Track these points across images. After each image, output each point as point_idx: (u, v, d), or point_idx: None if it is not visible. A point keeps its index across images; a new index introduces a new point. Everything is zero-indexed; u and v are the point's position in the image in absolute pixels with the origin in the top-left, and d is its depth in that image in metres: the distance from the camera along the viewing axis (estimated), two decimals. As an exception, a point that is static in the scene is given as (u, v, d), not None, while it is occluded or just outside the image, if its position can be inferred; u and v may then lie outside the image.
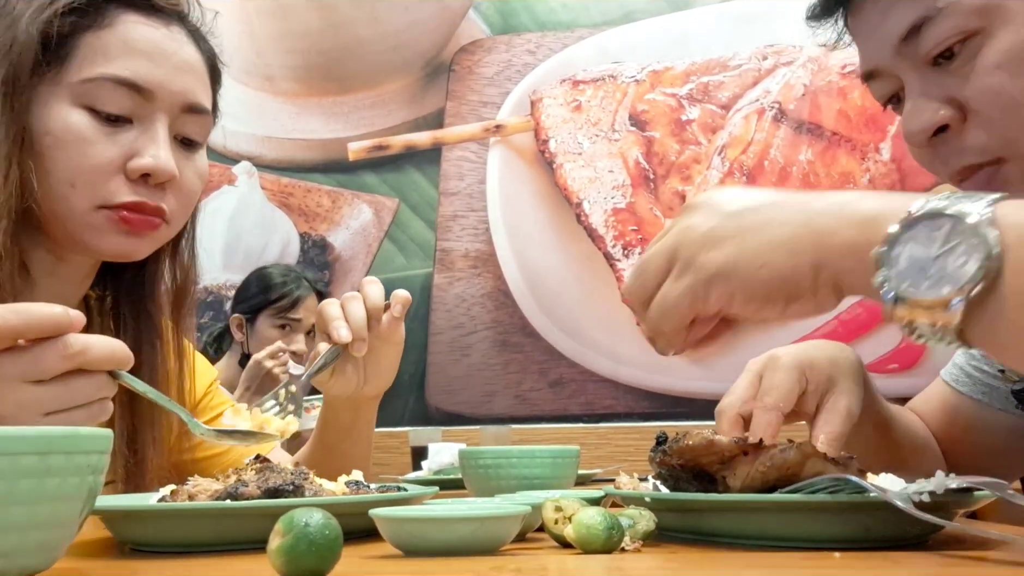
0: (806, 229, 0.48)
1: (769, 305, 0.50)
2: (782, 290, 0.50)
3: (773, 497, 0.52)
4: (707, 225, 0.52)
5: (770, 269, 0.49)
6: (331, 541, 0.41)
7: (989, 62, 0.65)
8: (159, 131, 0.80)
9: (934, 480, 0.50)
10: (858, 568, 0.45)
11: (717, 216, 0.52)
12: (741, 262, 0.50)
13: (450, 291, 2.45)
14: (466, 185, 2.50)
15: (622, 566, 0.47)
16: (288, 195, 2.59)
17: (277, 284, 2.18)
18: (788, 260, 0.49)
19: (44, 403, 0.59)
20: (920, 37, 0.67)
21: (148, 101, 0.79)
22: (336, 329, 0.85)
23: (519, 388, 2.39)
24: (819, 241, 0.48)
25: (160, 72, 0.80)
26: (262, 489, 0.58)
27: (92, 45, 0.78)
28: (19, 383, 0.58)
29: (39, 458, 0.39)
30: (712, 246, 0.51)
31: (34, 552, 0.41)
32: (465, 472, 0.90)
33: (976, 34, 0.65)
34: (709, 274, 0.51)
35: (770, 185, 2.31)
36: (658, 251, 0.54)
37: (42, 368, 0.58)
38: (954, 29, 0.66)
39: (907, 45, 0.68)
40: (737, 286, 0.50)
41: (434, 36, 2.57)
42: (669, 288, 0.53)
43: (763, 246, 0.49)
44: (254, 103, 2.62)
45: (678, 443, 0.57)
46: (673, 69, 2.42)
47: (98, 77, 0.77)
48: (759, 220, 0.51)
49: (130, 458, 0.84)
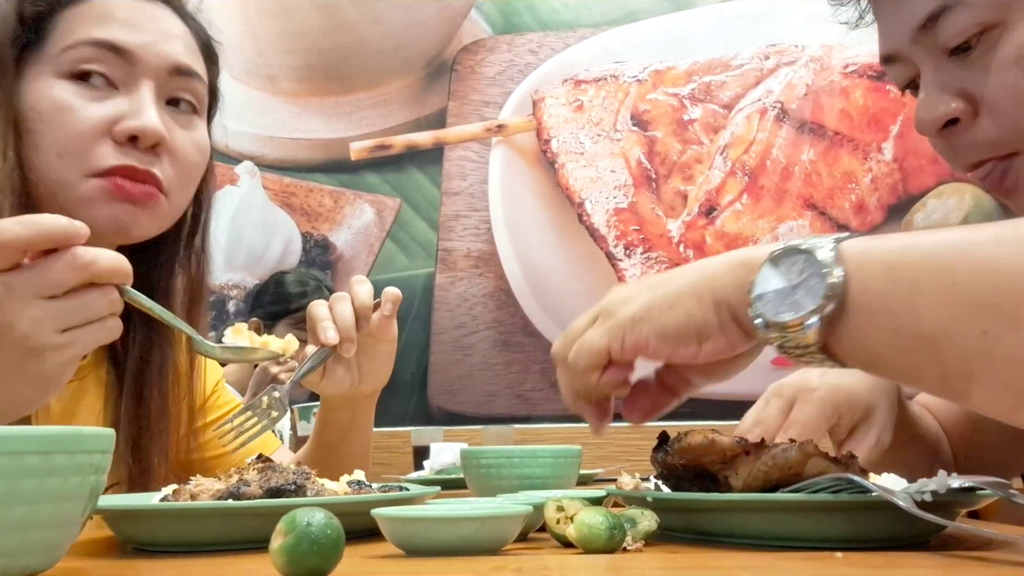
0: (703, 275, 0.55)
1: (683, 344, 0.54)
2: (691, 329, 0.54)
3: (775, 497, 0.52)
4: (624, 291, 0.58)
5: (677, 310, 0.54)
6: (333, 541, 0.41)
7: (1007, 56, 0.65)
8: (144, 93, 0.78)
9: (936, 480, 0.50)
10: (860, 568, 0.45)
11: (633, 286, 0.59)
12: (653, 307, 0.55)
13: (452, 291, 2.45)
14: (468, 185, 2.50)
15: (624, 566, 0.47)
16: (290, 195, 2.60)
17: (296, 294, 2.17)
18: (692, 301, 0.54)
19: (60, 318, 0.58)
20: (938, 26, 0.67)
21: (130, 64, 0.78)
22: (323, 331, 0.84)
23: (521, 388, 2.39)
24: (714, 284, 0.54)
25: (140, 36, 0.79)
26: (264, 489, 0.58)
27: (69, 19, 0.78)
28: (33, 299, 0.57)
29: (41, 457, 0.39)
30: (628, 302, 0.57)
31: (36, 551, 0.41)
32: (467, 472, 0.90)
33: (995, 27, 0.65)
34: (625, 319, 0.56)
35: (772, 185, 2.32)
36: (583, 316, 0.60)
37: (55, 281, 0.57)
38: (972, 20, 0.66)
39: (925, 33, 0.68)
40: (650, 328, 0.55)
41: (436, 36, 2.57)
42: (589, 332, 0.58)
43: (670, 293, 0.55)
44: (256, 103, 2.62)
45: (680, 443, 0.57)
46: (675, 69, 2.42)
47: (76, 43, 0.77)
48: (666, 278, 0.57)
49: (134, 465, 0.83)
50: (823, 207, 2.29)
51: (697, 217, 2.34)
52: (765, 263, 0.51)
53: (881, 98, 2.30)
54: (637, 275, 2.35)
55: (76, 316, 0.59)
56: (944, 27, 0.67)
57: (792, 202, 2.31)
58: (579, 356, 0.57)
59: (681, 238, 2.35)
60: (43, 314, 0.57)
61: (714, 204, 2.34)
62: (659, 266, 2.34)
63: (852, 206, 2.28)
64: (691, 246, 2.33)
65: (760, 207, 2.32)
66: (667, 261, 2.34)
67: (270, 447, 1.00)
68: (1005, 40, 0.65)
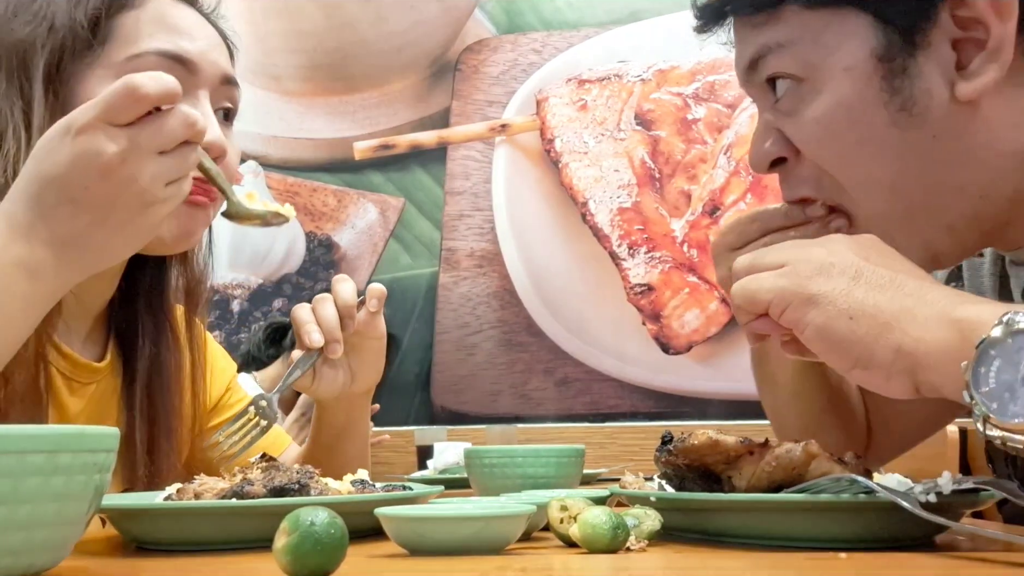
0: (905, 311, 0.50)
1: (835, 357, 0.52)
2: (854, 352, 0.51)
3: (778, 497, 0.52)
4: (833, 256, 0.54)
5: (855, 325, 0.51)
6: (337, 540, 0.41)
7: (811, 115, 0.66)
8: (204, 104, 0.79)
9: (941, 480, 0.50)
10: (864, 568, 0.45)
11: (844, 258, 0.54)
12: (837, 302, 0.52)
13: (455, 290, 2.45)
14: (472, 184, 2.50)
15: (627, 566, 0.47)
16: (294, 194, 2.60)
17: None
18: (876, 328, 0.50)
19: (168, 173, 0.62)
20: (757, 70, 0.69)
21: (192, 74, 0.79)
22: (307, 334, 0.84)
23: (524, 387, 2.39)
24: (913, 332, 0.50)
25: (198, 45, 0.80)
26: (268, 488, 0.58)
27: (130, 25, 0.78)
28: (151, 155, 0.61)
29: (46, 456, 0.39)
30: (822, 274, 0.53)
31: (41, 550, 0.41)
32: (470, 471, 0.90)
33: (804, 82, 0.66)
34: (803, 292, 0.53)
35: (775, 185, 2.31)
36: (781, 248, 0.57)
37: (171, 136, 0.61)
38: (782, 70, 0.67)
39: (753, 73, 0.70)
40: (817, 320, 0.52)
41: (440, 35, 2.57)
42: (765, 277, 0.55)
43: (864, 303, 0.51)
44: (260, 103, 2.63)
45: (683, 443, 0.56)
46: (679, 68, 2.42)
47: (144, 52, 0.77)
48: (876, 279, 0.53)
49: (150, 465, 0.84)
50: (827, 207, 2.29)
51: (701, 217, 2.34)
52: (985, 344, 0.46)
53: (885, 97, 2.29)
54: (641, 275, 2.34)
55: (178, 170, 0.63)
56: (761, 71, 0.68)
57: (796, 202, 2.30)
58: (740, 294, 0.56)
59: (685, 238, 2.34)
60: (158, 169, 0.62)
61: (718, 204, 2.34)
62: (663, 266, 2.34)
63: (856, 206, 2.28)
64: (695, 246, 2.33)
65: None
66: (671, 261, 2.34)
67: (280, 445, 1.00)
68: (814, 99, 0.66)
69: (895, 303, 0.51)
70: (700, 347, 2.30)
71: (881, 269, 0.54)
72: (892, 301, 0.51)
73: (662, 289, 2.33)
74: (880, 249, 0.57)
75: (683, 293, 2.32)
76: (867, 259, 0.54)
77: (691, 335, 2.31)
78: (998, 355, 0.46)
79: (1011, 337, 0.46)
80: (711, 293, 2.31)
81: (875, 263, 0.54)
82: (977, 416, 0.47)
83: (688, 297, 2.32)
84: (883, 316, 0.51)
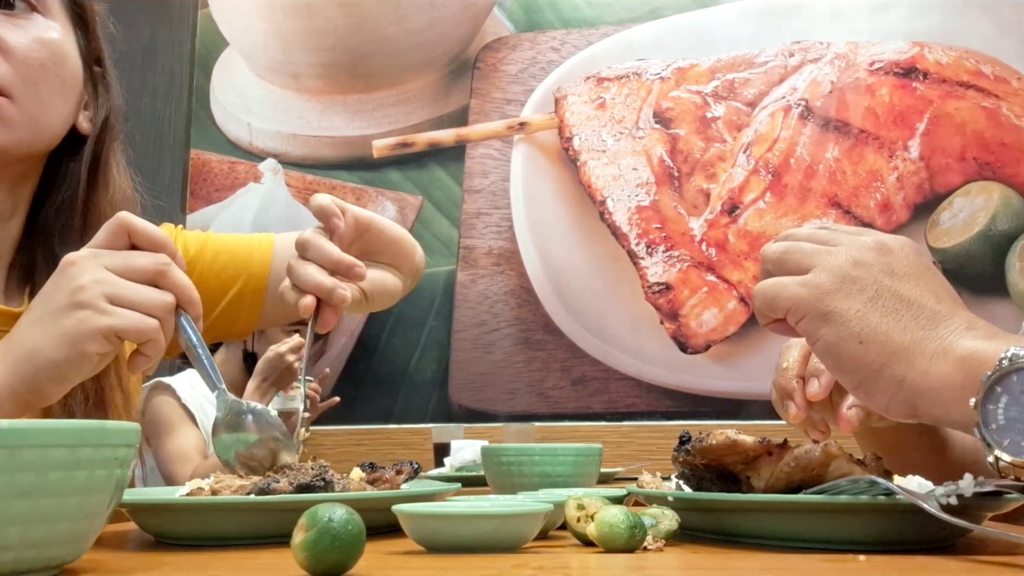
0: (915, 347, 0.50)
1: (841, 375, 0.52)
2: (859, 375, 0.52)
3: (797, 498, 0.52)
4: (859, 268, 0.54)
5: (865, 348, 0.51)
6: (354, 536, 0.41)
7: None
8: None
9: (962, 483, 0.49)
10: (883, 571, 0.45)
11: (869, 273, 0.53)
12: (850, 322, 0.52)
13: (473, 288, 2.45)
14: (490, 182, 2.50)
15: (644, 565, 0.47)
16: (313, 192, 2.61)
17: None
18: (884, 356, 0.51)
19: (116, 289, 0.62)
20: None
21: None
22: (301, 306, 0.71)
23: (542, 386, 2.39)
24: (919, 364, 0.50)
25: None
26: (293, 485, 0.58)
27: None
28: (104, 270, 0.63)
29: (68, 451, 0.40)
30: (841, 292, 0.53)
31: (63, 543, 0.41)
32: (487, 469, 0.90)
33: None
34: (820, 305, 0.53)
35: (796, 183, 2.30)
36: (810, 248, 0.56)
37: (133, 266, 0.63)
38: None
39: None
40: (828, 337, 0.52)
41: (458, 33, 2.57)
42: (789, 284, 0.55)
43: (876, 328, 0.51)
44: (280, 101, 2.64)
45: (701, 442, 0.56)
46: (698, 66, 2.41)
47: None
48: (895, 304, 0.52)
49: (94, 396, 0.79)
50: (847, 205, 2.27)
51: (720, 215, 2.33)
52: (992, 382, 0.46)
53: (907, 96, 2.27)
54: (659, 273, 2.34)
55: (129, 295, 0.63)
56: None
57: (816, 200, 2.29)
58: (761, 297, 0.57)
59: (703, 236, 2.33)
60: (105, 279, 0.62)
61: (737, 202, 2.32)
62: (681, 265, 2.33)
63: (877, 205, 2.26)
64: (713, 245, 2.32)
65: (783, 205, 2.30)
66: (689, 260, 2.33)
67: None
68: None
69: (906, 335, 0.51)
70: (718, 347, 2.29)
71: (903, 288, 0.53)
72: (904, 332, 0.51)
73: (680, 288, 2.33)
74: (911, 260, 0.55)
75: (701, 292, 2.31)
76: (892, 273, 0.53)
77: (709, 334, 2.30)
78: (1004, 392, 0.47)
79: (1015, 374, 0.46)
80: (729, 292, 2.29)
81: (899, 278, 0.53)
82: (989, 452, 0.47)
83: (706, 296, 2.31)
84: (892, 345, 0.51)
